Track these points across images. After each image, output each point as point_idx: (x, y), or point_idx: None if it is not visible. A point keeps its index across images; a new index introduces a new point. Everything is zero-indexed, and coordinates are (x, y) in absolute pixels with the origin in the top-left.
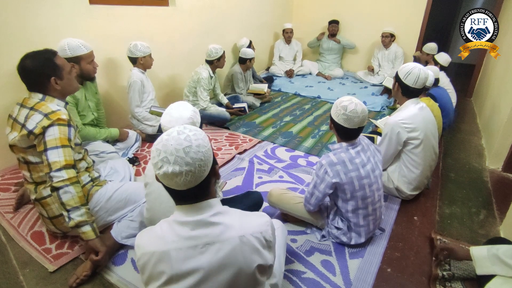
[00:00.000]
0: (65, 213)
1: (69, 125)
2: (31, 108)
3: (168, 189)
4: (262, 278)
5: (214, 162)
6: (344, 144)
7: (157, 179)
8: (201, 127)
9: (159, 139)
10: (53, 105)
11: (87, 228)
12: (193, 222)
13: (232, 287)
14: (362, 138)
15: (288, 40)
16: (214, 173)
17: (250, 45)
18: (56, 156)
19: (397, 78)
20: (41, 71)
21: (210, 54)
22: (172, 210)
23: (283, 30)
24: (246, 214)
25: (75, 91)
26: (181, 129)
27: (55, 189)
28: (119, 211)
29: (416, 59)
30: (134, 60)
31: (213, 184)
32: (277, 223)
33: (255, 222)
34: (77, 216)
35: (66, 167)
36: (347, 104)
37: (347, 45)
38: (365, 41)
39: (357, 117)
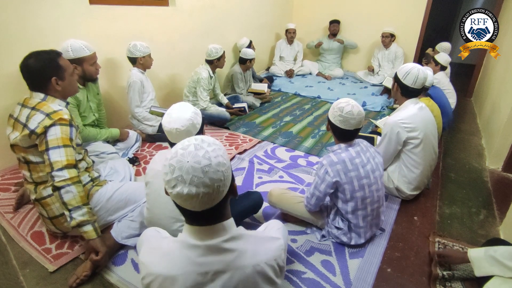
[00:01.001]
0: (66, 213)
1: (70, 125)
2: (33, 108)
3: (179, 207)
4: None
5: (232, 178)
6: (342, 145)
7: (166, 193)
8: (202, 128)
9: (173, 152)
10: (55, 105)
11: (88, 228)
12: (205, 247)
13: None
14: (361, 140)
15: (290, 40)
16: (232, 191)
17: (250, 45)
18: (58, 156)
19: (396, 79)
20: (42, 70)
21: (210, 54)
22: (173, 210)
23: (286, 30)
24: (261, 239)
25: (74, 93)
26: (199, 143)
27: (56, 188)
28: (119, 211)
29: (426, 57)
30: (133, 60)
31: (229, 203)
32: (277, 223)
33: (270, 248)
34: (78, 216)
35: (67, 166)
36: (344, 105)
37: (350, 45)
38: (365, 41)
39: (353, 118)
